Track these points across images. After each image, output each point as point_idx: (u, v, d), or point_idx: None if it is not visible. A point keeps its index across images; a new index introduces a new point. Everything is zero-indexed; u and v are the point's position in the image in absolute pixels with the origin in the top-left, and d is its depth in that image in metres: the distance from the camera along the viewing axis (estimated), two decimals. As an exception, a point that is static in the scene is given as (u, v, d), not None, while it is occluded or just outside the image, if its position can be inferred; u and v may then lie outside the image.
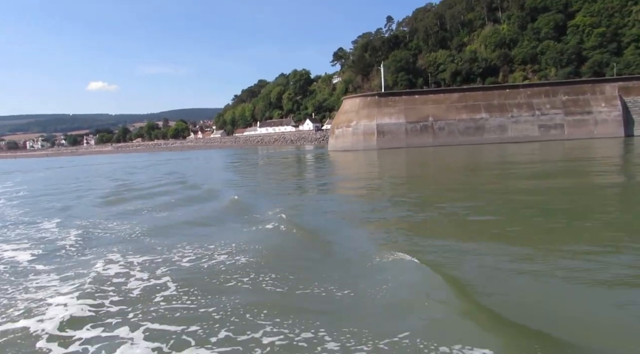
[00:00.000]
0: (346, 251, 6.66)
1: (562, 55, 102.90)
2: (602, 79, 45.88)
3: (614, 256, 5.79)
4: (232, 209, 11.54)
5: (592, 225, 7.78)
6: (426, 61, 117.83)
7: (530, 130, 42.53)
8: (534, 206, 9.76)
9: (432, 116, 44.55)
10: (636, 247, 6.18)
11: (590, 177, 15.96)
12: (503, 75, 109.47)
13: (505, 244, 6.59)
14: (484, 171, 19.62)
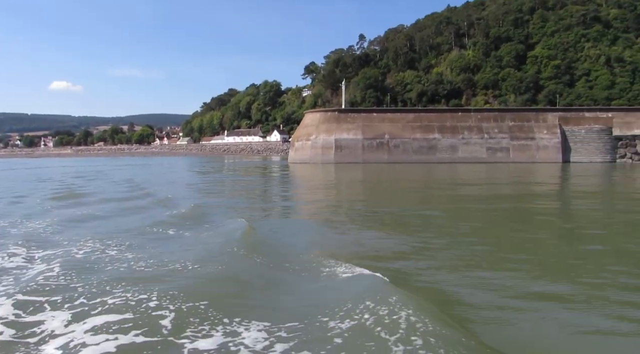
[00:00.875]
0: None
1: (521, 83, 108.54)
2: (545, 109, 49.07)
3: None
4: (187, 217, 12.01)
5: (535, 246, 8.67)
6: (394, 80, 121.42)
7: (479, 152, 44.89)
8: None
9: (388, 133, 46.31)
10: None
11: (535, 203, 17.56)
12: (466, 98, 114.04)
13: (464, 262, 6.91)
14: (438, 191, 20.83)
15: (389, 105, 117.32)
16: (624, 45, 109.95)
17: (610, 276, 6.12)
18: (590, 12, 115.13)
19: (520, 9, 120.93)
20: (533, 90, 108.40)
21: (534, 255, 7.40)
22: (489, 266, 6.65)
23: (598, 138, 42.72)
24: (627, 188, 21.54)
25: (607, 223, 10.89)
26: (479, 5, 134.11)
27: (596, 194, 19.12)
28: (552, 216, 12.53)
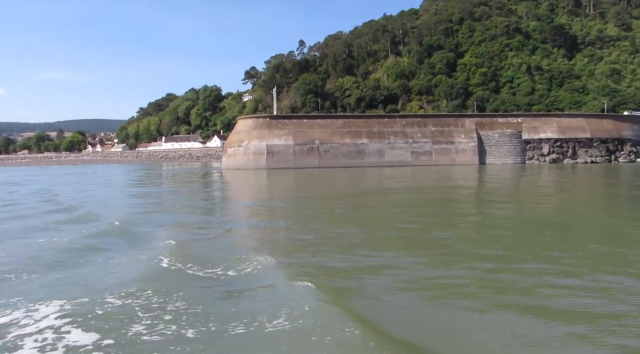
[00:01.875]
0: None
1: (452, 89, 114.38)
2: (463, 115, 52.36)
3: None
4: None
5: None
6: (334, 86, 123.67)
7: (404, 155, 47.03)
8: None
9: (318, 139, 47.32)
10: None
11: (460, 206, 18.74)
12: (402, 104, 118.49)
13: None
14: (366, 195, 21.58)
15: (329, 110, 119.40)
16: (542, 54, 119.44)
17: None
18: (513, 23, 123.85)
19: (451, 19, 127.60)
20: (463, 96, 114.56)
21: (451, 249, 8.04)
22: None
23: (509, 141, 46.22)
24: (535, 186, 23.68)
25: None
26: (412, 15, 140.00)
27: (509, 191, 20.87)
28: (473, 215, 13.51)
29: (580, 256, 7.48)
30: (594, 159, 45.39)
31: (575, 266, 6.77)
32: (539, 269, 6.58)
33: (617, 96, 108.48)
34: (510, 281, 6.11)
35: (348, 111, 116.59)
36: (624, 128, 48.19)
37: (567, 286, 5.80)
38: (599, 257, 7.44)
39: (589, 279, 6.08)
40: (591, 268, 6.62)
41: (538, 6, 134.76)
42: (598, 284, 5.88)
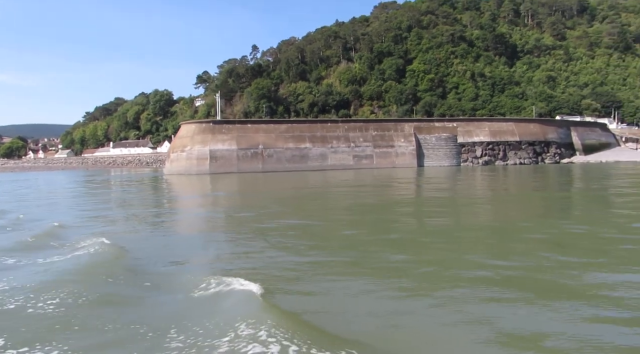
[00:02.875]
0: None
1: (402, 95, 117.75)
2: (403, 120, 54.40)
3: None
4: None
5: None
6: (287, 91, 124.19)
7: (346, 159, 48.21)
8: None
9: (262, 144, 47.65)
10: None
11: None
12: (354, 109, 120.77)
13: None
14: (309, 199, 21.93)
15: (283, 115, 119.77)
16: (485, 62, 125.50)
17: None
18: (457, 32, 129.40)
19: (400, 26, 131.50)
20: (412, 101, 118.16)
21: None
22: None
23: (446, 145, 48.46)
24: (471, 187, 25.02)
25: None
26: (364, 22, 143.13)
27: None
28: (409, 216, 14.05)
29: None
30: (522, 161, 48.41)
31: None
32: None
33: (552, 102, 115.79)
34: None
35: (301, 116, 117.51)
36: (550, 132, 51.74)
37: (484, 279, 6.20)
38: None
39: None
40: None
41: (481, 16, 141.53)
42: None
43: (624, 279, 5.96)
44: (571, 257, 7.30)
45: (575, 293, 5.47)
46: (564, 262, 7.00)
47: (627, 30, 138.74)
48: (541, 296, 5.29)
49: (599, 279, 6.04)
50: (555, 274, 6.26)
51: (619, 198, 16.88)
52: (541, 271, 6.45)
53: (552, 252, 7.60)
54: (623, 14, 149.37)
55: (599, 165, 43.60)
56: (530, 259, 7.14)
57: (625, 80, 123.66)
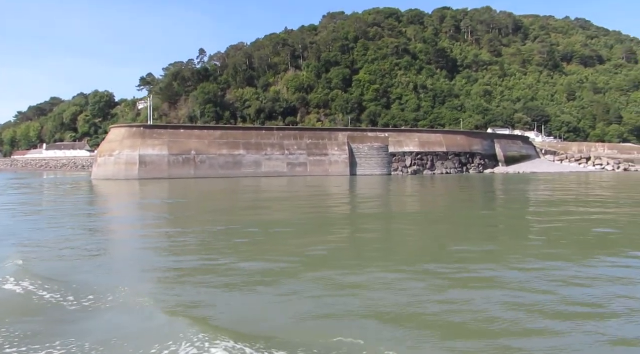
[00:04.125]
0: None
1: (348, 104, 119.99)
2: (337, 129, 55.72)
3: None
4: None
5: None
6: (234, 96, 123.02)
7: (280, 166, 48.55)
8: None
9: (194, 149, 47.00)
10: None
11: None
12: (301, 116, 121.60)
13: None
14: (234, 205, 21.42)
15: (229, 120, 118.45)
16: (427, 74, 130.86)
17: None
18: (402, 44, 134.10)
19: (347, 37, 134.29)
20: (357, 110, 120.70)
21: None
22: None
23: (377, 154, 50.05)
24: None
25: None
26: (312, 30, 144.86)
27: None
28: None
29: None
30: (448, 170, 50.93)
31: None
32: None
33: (488, 114, 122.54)
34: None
35: (248, 122, 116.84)
36: (475, 143, 54.85)
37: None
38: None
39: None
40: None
41: (424, 30, 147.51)
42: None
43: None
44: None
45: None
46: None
47: (556, 50, 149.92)
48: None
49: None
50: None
51: (501, 195, 18.39)
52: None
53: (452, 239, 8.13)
54: (552, 34, 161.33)
55: (515, 175, 46.76)
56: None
57: (553, 96, 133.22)
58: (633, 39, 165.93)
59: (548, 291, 5.71)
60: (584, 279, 6.27)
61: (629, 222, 12.58)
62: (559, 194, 21.55)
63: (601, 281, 6.21)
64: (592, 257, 7.75)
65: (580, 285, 6.01)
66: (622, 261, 7.62)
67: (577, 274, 6.51)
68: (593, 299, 5.47)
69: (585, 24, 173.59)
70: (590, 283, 6.03)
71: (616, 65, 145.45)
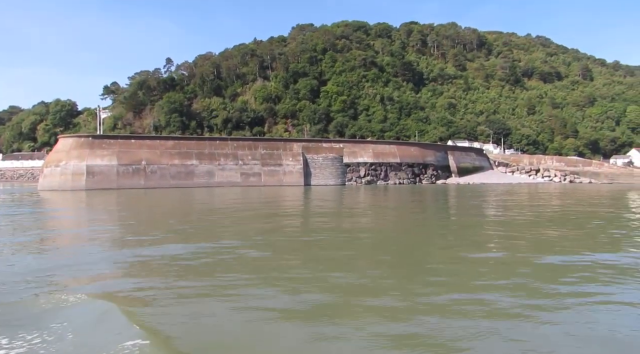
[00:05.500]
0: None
1: (315, 114, 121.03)
2: (291, 139, 56.02)
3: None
4: None
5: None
6: (201, 106, 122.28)
7: (234, 177, 48.29)
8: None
9: (145, 159, 46.25)
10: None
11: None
12: (268, 126, 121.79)
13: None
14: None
15: (195, 130, 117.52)
16: (394, 87, 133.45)
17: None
18: (369, 57, 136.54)
19: (315, 48, 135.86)
20: (325, 121, 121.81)
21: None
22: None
23: (332, 165, 50.45)
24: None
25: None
26: (281, 41, 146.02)
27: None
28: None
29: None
30: (401, 181, 51.77)
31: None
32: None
33: (452, 127, 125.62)
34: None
35: (215, 132, 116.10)
36: (428, 155, 56.03)
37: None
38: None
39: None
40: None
41: (392, 44, 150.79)
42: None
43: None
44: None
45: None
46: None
47: (517, 66, 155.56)
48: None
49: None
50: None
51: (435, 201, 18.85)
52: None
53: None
54: (515, 50, 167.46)
55: (465, 186, 47.92)
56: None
57: (514, 110, 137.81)
58: (590, 57, 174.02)
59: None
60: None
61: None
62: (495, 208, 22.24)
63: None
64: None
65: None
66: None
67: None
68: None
69: (545, 42, 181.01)
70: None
71: (573, 81, 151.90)
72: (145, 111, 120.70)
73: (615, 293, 5.62)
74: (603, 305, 5.16)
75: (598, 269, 6.81)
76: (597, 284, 6.07)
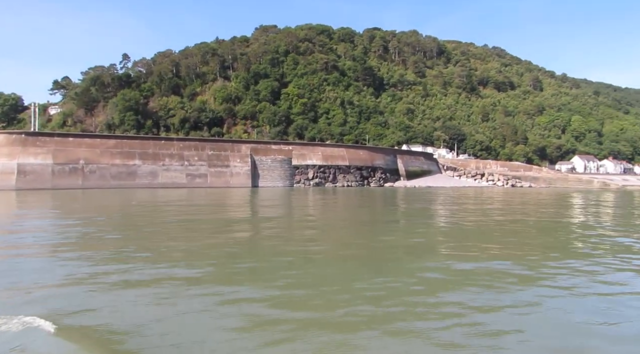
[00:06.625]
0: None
1: (275, 116, 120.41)
2: (240, 140, 55.66)
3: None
4: None
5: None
6: (158, 105, 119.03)
7: (179, 178, 47.37)
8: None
9: (84, 159, 44.62)
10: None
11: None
12: (227, 127, 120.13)
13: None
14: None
15: (151, 129, 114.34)
16: (355, 91, 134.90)
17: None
18: (331, 61, 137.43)
19: (277, 50, 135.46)
20: (285, 123, 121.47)
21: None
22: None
23: (281, 167, 50.44)
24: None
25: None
26: (244, 42, 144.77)
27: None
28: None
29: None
30: (350, 184, 52.37)
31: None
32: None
33: (410, 131, 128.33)
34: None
35: (172, 131, 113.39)
36: (377, 158, 57.03)
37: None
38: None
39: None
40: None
41: (354, 48, 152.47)
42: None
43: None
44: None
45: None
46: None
47: (474, 74, 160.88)
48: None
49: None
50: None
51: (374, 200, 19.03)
52: None
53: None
54: (472, 59, 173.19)
55: (411, 189, 49.01)
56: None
57: (470, 117, 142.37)
58: (541, 69, 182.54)
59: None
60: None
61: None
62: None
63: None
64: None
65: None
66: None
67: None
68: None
69: (501, 53, 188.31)
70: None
71: (525, 91, 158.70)
72: (98, 108, 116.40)
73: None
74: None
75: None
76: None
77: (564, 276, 6.86)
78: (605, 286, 6.40)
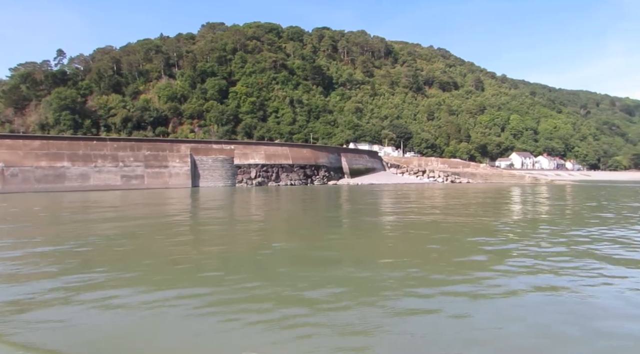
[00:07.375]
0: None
1: (223, 115, 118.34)
2: (179, 140, 54.06)
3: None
4: None
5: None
6: (97, 103, 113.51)
7: (113, 179, 45.18)
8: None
9: (3, 161, 41.45)
10: None
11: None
12: (173, 126, 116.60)
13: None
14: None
15: (90, 129, 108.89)
16: (304, 90, 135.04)
17: None
18: (280, 60, 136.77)
19: (225, 48, 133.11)
20: (233, 122, 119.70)
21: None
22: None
23: (222, 166, 49.40)
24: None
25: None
26: (190, 39, 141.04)
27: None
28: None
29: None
30: (293, 182, 52.26)
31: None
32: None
33: (359, 130, 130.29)
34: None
35: (113, 131, 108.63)
36: (321, 157, 57.31)
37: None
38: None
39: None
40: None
41: (303, 47, 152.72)
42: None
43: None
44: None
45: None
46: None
47: (420, 74, 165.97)
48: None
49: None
50: None
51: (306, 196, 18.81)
52: None
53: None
54: (418, 60, 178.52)
55: (354, 186, 49.62)
56: None
57: (416, 116, 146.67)
58: (482, 70, 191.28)
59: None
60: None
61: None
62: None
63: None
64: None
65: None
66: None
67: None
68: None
69: (445, 54, 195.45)
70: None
71: (467, 91, 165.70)
72: (29, 107, 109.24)
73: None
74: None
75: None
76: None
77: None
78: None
